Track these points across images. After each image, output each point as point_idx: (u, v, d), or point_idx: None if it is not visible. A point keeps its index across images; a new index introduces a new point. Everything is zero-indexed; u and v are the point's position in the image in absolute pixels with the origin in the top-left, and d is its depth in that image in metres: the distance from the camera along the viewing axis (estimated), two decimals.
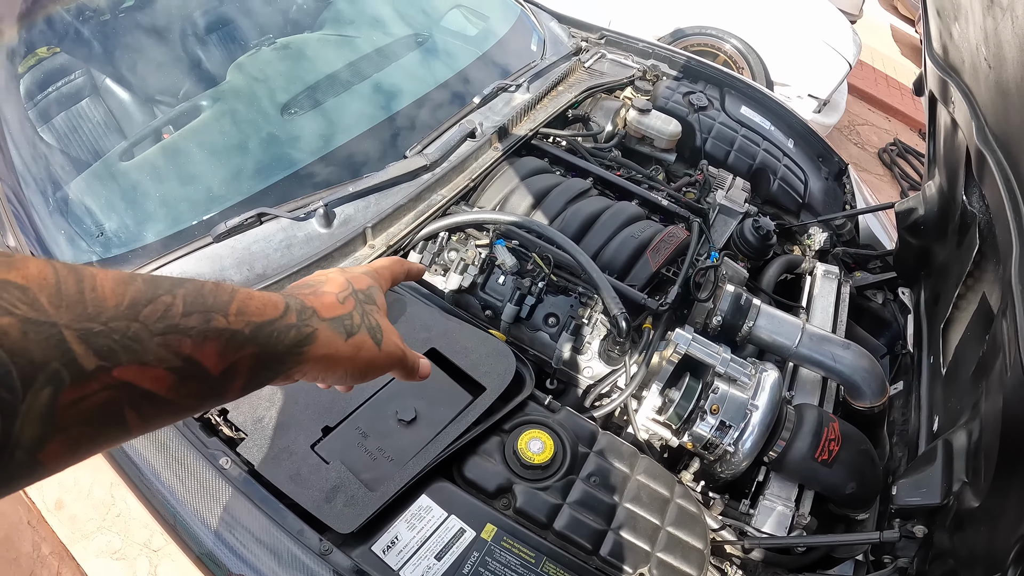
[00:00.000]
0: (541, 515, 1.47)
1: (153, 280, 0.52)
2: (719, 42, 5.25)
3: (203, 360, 0.54)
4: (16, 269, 0.43)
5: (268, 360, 0.62)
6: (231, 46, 2.61)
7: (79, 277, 0.46)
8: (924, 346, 2.10)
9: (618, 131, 2.65)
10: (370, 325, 0.75)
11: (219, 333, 0.55)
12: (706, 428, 1.69)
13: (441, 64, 2.62)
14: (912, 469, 1.61)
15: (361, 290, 0.77)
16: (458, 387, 1.63)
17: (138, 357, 0.48)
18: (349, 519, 1.39)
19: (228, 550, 1.43)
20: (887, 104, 7.23)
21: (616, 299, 1.81)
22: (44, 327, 0.43)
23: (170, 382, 0.51)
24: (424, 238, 2.01)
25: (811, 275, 2.33)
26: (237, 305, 0.58)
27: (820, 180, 2.85)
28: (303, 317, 0.65)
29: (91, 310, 0.46)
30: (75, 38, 2.29)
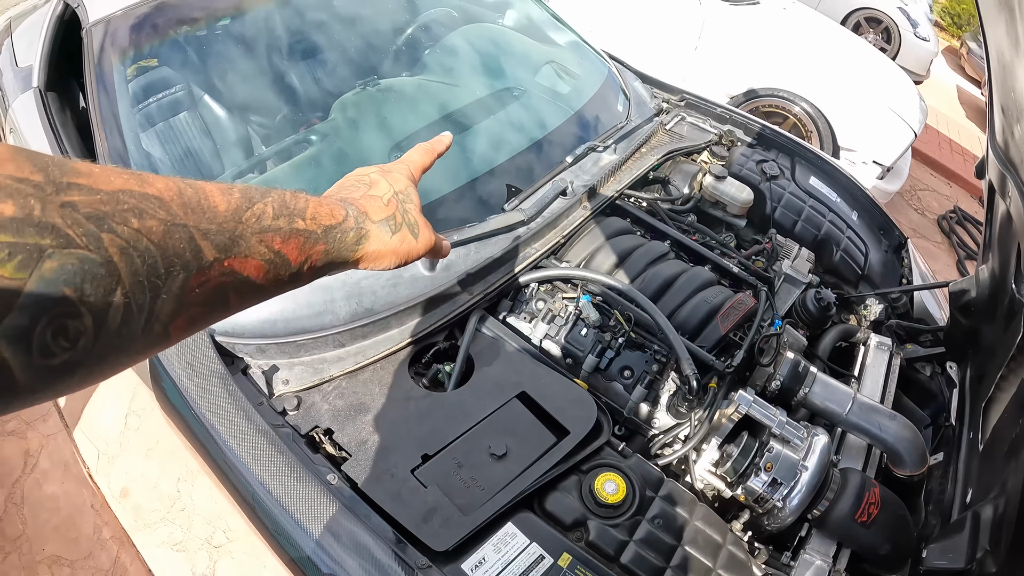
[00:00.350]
0: (610, 549, 1.62)
1: (247, 191, 0.64)
2: (789, 104, 5.35)
3: (288, 253, 0.67)
4: (149, 184, 0.53)
5: (334, 255, 0.77)
6: (328, 77, 2.75)
7: (195, 190, 0.58)
8: (966, 421, 2.17)
9: (694, 195, 2.77)
10: (410, 222, 0.89)
11: (299, 233, 0.69)
12: (759, 484, 1.81)
13: (536, 120, 2.75)
14: (943, 535, 1.72)
15: (400, 191, 0.90)
16: (544, 429, 1.78)
17: (242, 251, 0.61)
18: (444, 538, 1.53)
19: (328, 558, 1.54)
20: (949, 170, 7.23)
21: (689, 360, 1.96)
22: (178, 228, 0.54)
23: (263, 271, 0.64)
24: (517, 288, 2.17)
25: (865, 345, 2.41)
26: (311, 211, 0.72)
27: (880, 252, 2.95)
28: (359, 221, 0.80)
29: (208, 215, 0.57)
30: (178, 52, 2.47)
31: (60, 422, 3.46)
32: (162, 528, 3.08)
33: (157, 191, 0.54)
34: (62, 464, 3.29)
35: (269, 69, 2.61)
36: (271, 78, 2.60)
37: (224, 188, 0.62)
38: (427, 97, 2.81)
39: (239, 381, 1.80)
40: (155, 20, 2.49)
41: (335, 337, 1.92)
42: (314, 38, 2.81)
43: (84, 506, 3.14)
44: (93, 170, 0.49)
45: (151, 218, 0.52)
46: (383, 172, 0.93)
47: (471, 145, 2.55)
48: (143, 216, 0.51)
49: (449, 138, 1.11)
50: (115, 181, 0.50)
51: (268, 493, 1.62)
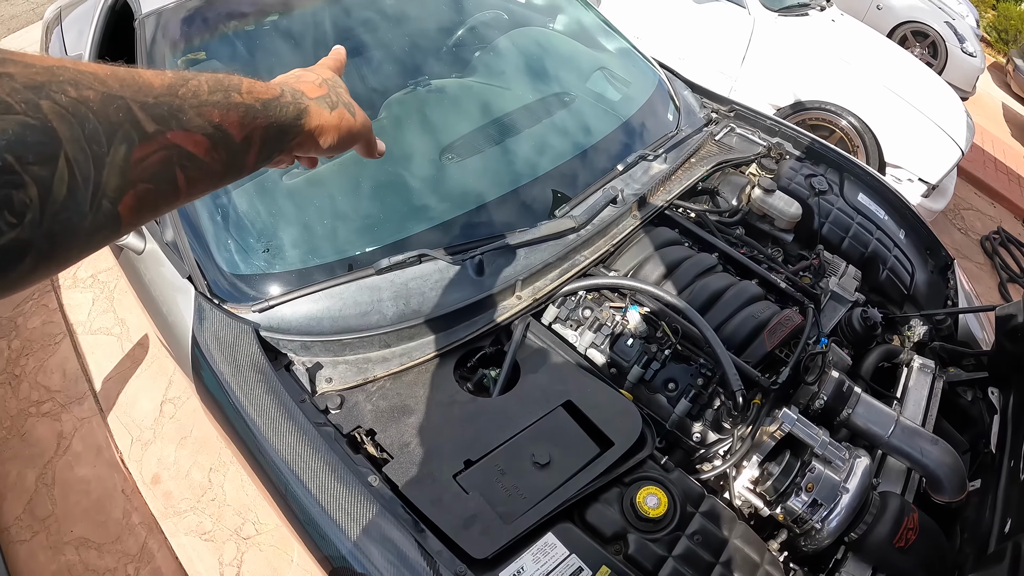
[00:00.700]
0: (648, 564, 1.61)
1: (179, 72, 0.66)
2: (836, 118, 5.31)
3: (229, 127, 0.69)
4: (84, 64, 0.55)
5: (276, 131, 0.79)
6: (375, 75, 2.75)
7: (127, 69, 0.59)
8: (1007, 449, 2.14)
9: (743, 207, 2.76)
10: (345, 101, 0.93)
11: (238, 106, 0.71)
12: (799, 504, 1.79)
13: (587, 126, 2.75)
14: (982, 565, 1.70)
15: (328, 78, 0.95)
16: (588, 439, 1.78)
17: (182, 124, 0.62)
18: (484, 546, 1.53)
19: (365, 558, 1.54)
20: (994, 189, 7.13)
21: (736, 376, 1.95)
22: (115, 99, 0.55)
23: (207, 145, 0.66)
24: (564, 294, 2.17)
25: (908, 367, 2.38)
26: (247, 86, 0.74)
27: (926, 273, 2.92)
28: (296, 97, 0.83)
29: (144, 89, 0.59)
30: (227, 45, 2.51)
31: (95, 406, 3.52)
32: (191, 516, 3.12)
33: (91, 69, 0.55)
34: (95, 448, 3.35)
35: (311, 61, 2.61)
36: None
37: (156, 71, 0.63)
38: (477, 99, 2.82)
39: (282, 377, 1.81)
40: (205, 14, 2.53)
41: (381, 337, 1.92)
42: (363, 37, 2.82)
43: (115, 490, 3.19)
44: (27, 54, 0.51)
45: (87, 88, 0.53)
46: (306, 68, 0.97)
47: (521, 150, 2.56)
48: (79, 87, 0.52)
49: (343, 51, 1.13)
50: (49, 61, 0.52)
51: (307, 491, 1.62)
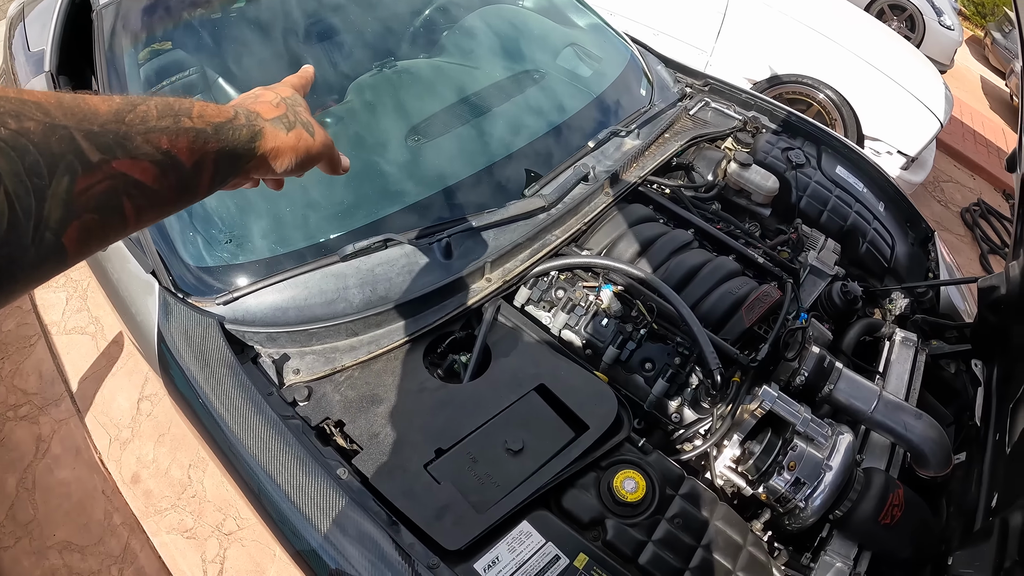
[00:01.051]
0: (627, 549, 1.57)
1: (128, 97, 0.65)
2: (813, 91, 5.27)
3: (179, 153, 0.68)
4: (27, 92, 0.55)
5: (228, 155, 0.77)
6: (344, 59, 2.71)
7: (73, 96, 0.59)
8: (991, 422, 2.12)
9: (718, 182, 2.71)
10: (303, 121, 0.91)
11: (188, 131, 0.69)
12: (782, 483, 1.77)
13: (557, 103, 2.70)
14: (969, 542, 1.67)
15: (287, 97, 0.93)
16: (563, 423, 1.73)
17: (129, 152, 0.61)
18: (457, 537, 1.49)
19: (336, 552, 1.50)
20: (973, 162, 7.14)
21: (714, 354, 1.90)
22: (58, 128, 0.54)
23: (154, 173, 0.64)
24: (535, 275, 2.12)
25: (890, 340, 2.36)
26: (198, 110, 0.72)
27: (906, 245, 2.90)
28: (250, 119, 0.81)
29: (89, 116, 0.58)
30: (191, 34, 2.44)
31: (72, 407, 3.47)
32: (172, 514, 3.08)
33: (33, 97, 0.55)
34: (74, 449, 3.29)
35: (284, 51, 2.57)
36: (286, 60, 2.56)
37: (104, 96, 0.63)
38: (445, 79, 2.77)
39: (248, 370, 1.76)
40: (168, 2, 2.47)
41: (348, 326, 1.87)
42: (330, 20, 2.77)
43: (95, 492, 3.15)
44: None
45: (29, 119, 0.52)
46: (267, 87, 0.96)
47: (490, 129, 2.51)
48: (20, 118, 0.52)
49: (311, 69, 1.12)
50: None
51: (276, 486, 1.58)
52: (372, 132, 2.44)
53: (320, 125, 0.96)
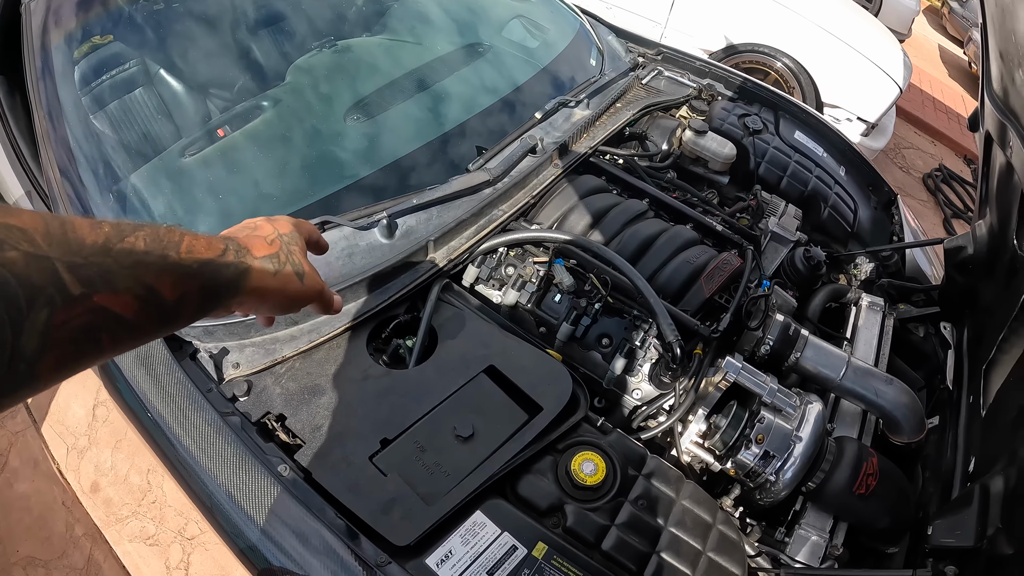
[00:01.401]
0: (590, 535, 1.50)
1: (118, 225, 0.63)
2: (771, 60, 5.23)
3: (161, 289, 0.66)
4: (15, 215, 0.53)
5: (212, 291, 0.75)
6: (287, 43, 2.62)
7: (61, 222, 0.57)
8: (964, 384, 2.09)
9: (674, 151, 2.64)
10: (294, 263, 0.88)
11: (174, 267, 0.67)
12: (750, 457, 1.71)
13: (503, 76, 2.62)
14: (949, 510, 1.61)
15: (285, 234, 0.90)
16: (515, 406, 1.65)
17: (112, 286, 0.59)
18: (406, 532, 1.41)
19: (282, 555, 1.45)
20: (933, 128, 7.16)
21: (672, 326, 1.83)
22: (42, 260, 0.53)
23: (136, 307, 0.62)
24: (483, 252, 2.03)
25: (856, 306, 2.32)
26: (186, 245, 0.70)
27: (869, 209, 2.85)
28: (239, 256, 0.79)
29: (74, 247, 0.56)
30: (130, 26, 2.32)
31: (28, 417, 3.39)
32: (134, 522, 3.02)
33: (21, 222, 0.54)
34: (31, 461, 3.22)
35: (225, 38, 2.49)
36: (228, 47, 2.48)
37: (94, 222, 0.61)
38: (387, 56, 2.69)
39: (187, 367, 1.70)
40: None
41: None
42: (273, 4, 2.68)
43: (55, 503, 3.08)
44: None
45: (12, 249, 0.51)
46: (269, 219, 0.93)
47: (432, 104, 2.43)
48: (3, 247, 0.51)
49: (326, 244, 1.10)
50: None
51: (218, 486, 1.53)
52: (310, 113, 2.35)
53: (315, 271, 0.94)
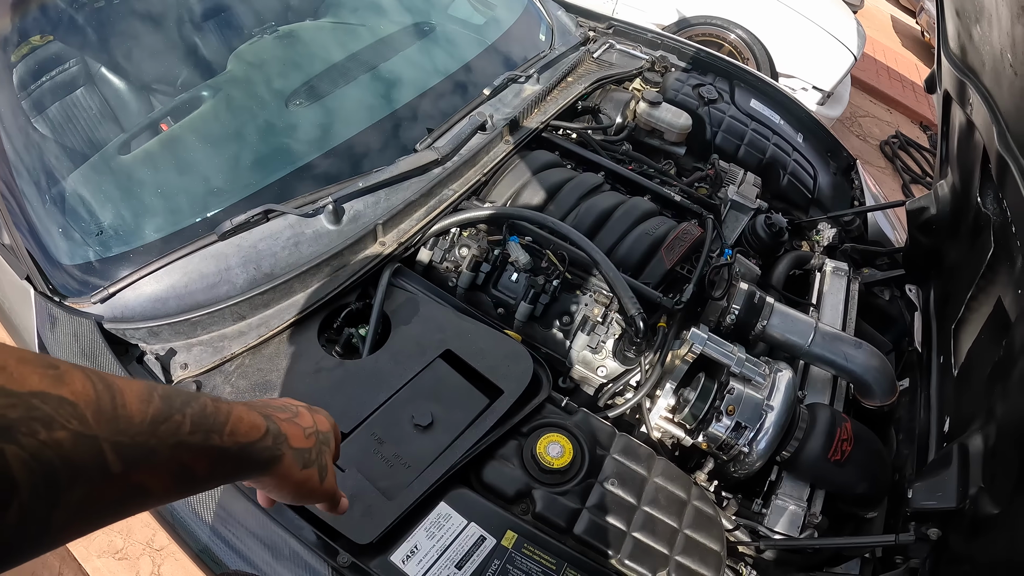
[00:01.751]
0: (561, 520, 1.45)
1: (168, 398, 0.62)
2: (724, 32, 5.20)
3: (196, 469, 0.65)
4: (66, 384, 0.52)
5: (242, 471, 0.75)
6: (230, 33, 2.54)
7: (112, 393, 0.56)
8: (933, 345, 2.08)
9: (628, 123, 2.60)
10: (321, 464, 0.87)
11: (213, 450, 0.67)
12: (721, 429, 1.67)
13: (449, 54, 2.57)
14: (928, 472, 1.58)
15: (322, 431, 0.89)
16: (475, 390, 1.60)
17: (152, 465, 0.59)
18: (367, 529, 1.36)
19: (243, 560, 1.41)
20: (889, 96, 7.19)
21: (633, 298, 1.78)
22: (88, 440, 0.52)
23: (168, 483, 0.62)
24: (435, 234, 1.97)
25: (820, 272, 2.30)
26: (231, 427, 0.69)
27: (829, 175, 2.83)
28: (276, 442, 0.78)
29: (122, 425, 0.56)
30: (69, 25, 2.22)
31: None
32: (101, 537, 2.92)
33: (72, 393, 0.52)
34: None
35: (167, 31, 2.40)
36: (169, 40, 2.39)
37: (145, 392, 0.60)
38: (330, 40, 2.61)
39: (134, 371, 1.64)
40: None
41: (233, 309, 1.71)
42: None
43: None
44: (9, 364, 0.48)
45: (61, 428, 0.50)
46: (311, 410, 0.91)
47: (376, 85, 2.36)
48: (52, 427, 0.49)
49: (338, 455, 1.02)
50: (30, 380, 0.49)
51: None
52: (252, 100, 2.27)
53: (334, 470, 0.92)
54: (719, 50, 5.02)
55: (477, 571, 1.35)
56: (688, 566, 1.47)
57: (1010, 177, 1.55)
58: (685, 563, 1.47)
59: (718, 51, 4.95)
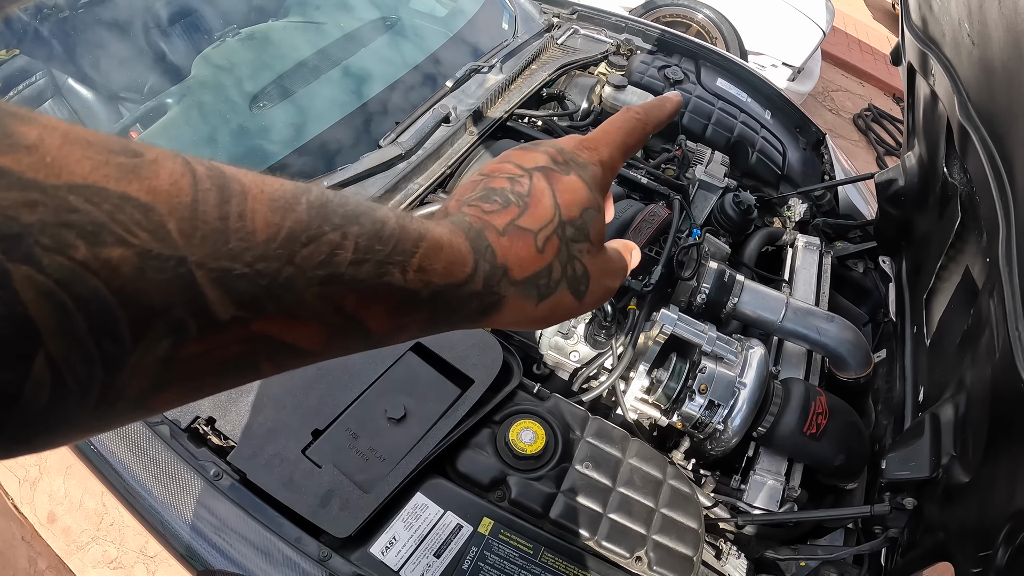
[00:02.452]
0: (536, 505, 1.46)
1: (321, 208, 0.38)
2: (691, 12, 5.19)
3: (367, 320, 0.42)
4: (141, 178, 0.30)
5: (439, 323, 0.48)
6: (196, 37, 2.53)
7: (224, 194, 0.34)
8: (907, 315, 2.10)
9: (594, 108, 2.60)
10: (574, 275, 0.55)
11: (393, 291, 0.42)
12: (695, 408, 1.68)
13: (411, 47, 2.56)
14: (901, 443, 1.60)
15: (572, 220, 0.54)
16: (446, 381, 1.61)
17: (287, 309, 0.37)
18: (346, 523, 1.37)
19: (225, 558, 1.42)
20: (860, 69, 7.20)
21: None
22: (169, 263, 0.31)
23: (322, 338, 0.40)
24: None
25: (792, 247, 2.31)
26: (420, 260, 0.43)
27: (798, 151, 2.84)
28: (491, 283, 0.49)
29: (234, 245, 0.33)
30: (34, 38, 2.20)
31: None
32: (95, 548, 2.94)
33: (149, 191, 0.30)
34: None
35: (132, 39, 2.39)
36: (134, 48, 2.38)
37: (283, 199, 0.36)
38: (292, 39, 2.60)
39: None
40: None
41: None
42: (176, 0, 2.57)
43: (15, 540, 2.99)
44: (44, 140, 0.27)
45: (119, 243, 0.29)
46: (548, 170, 0.55)
47: (339, 83, 2.36)
48: (100, 240, 0.28)
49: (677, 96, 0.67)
50: (77, 167, 0.28)
51: (155, 499, 1.49)
52: (216, 103, 2.27)
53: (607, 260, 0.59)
54: (687, 30, 5.05)
55: (455, 559, 1.36)
56: (666, 544, 1.48)
57: (971, 147, 1.57)
58: (663, 542, 1.48)
59: (686, 31, 5.01)
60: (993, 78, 1.47)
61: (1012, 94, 1.39)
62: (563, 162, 0.55)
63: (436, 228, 0.46)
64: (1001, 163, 1.45)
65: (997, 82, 1.45)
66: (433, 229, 0.45)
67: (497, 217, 0.51)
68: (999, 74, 1.43)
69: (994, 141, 1.49)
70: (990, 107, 1.52)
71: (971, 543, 1.26)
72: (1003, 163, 1.44)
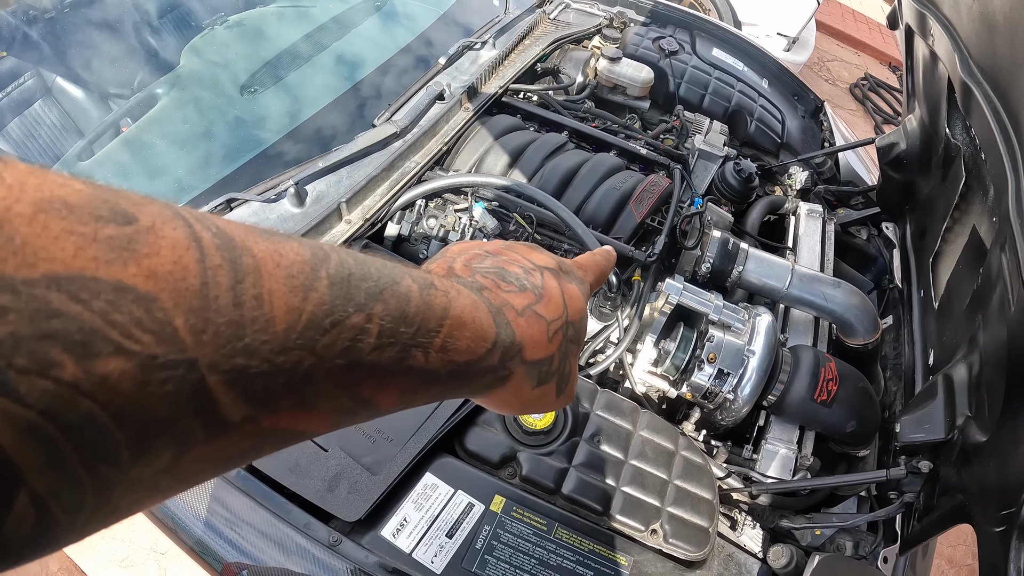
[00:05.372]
0: (548, 481, 1.44)
1: (343, 283, 0.34)
2: None
3: (380, 403, 0.39)
4: (138, 257, 0.25)
5: (446, 396, 0.48)
6: (184, 29, 2.49)
7: (237, 272, 0.29)
8: (913, 280, 2.08)
9: (589, 82, 2.57)
10: (563, 372, 0.58)
11: (412, 373, 0.40)
12: (704, 377, 1.66)
13: (402, 27, 2.53)
14: (913, 405, 1.58)
15: (573, 322, 0.57)
16: None
17: (303, 402, 0.33)
18: (355, 506, 1.35)
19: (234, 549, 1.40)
20: (856, 39, 7.18)
21: None
22: (178, 370, 0.26)
23: (332, 423, 0.37)
24: (401, 207, 1.93)
25: (795, 215, 2.28)
26: (443, 339, 0.41)
27: (797, 119, 2.80)
28: (506, 358, 0.49)
29: (251, 339, 0.29)
30: (22, 39, 2.18)
31: None
32: (105, 547, 2.91)
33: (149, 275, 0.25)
34: None
35: (120, 35, 2.35)
36: (123, 43, 2.35)
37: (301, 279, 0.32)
38: (281, 24, 2.56)
39: None
40: None
41: None
42: None
43: None
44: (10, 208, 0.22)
45: (115, 354, 0.24)
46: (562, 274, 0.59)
47: (331, 65, 2.33)
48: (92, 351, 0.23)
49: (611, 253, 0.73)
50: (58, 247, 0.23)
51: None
52: (207, 91, 2.23)
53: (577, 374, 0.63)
54: (680, 2, 5.00)
55: (468, 538, 1.34)
56: (681, 516, 1.46)
57: (975, 103, 1.54)
58: (677, 513, 1.46)
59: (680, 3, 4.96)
60: (995, 32, 1.44)
61: (1016, 46, 1.36)
62: (565, 271, 0.60)
63: (459, 301, 0.44)
64: (1007, 117, 1.42)
65: (999, 35, 1.42)
66: (455, 302, 0.43)
67: (515, 298, 0.52)
68: (1001, 27, 1.40)
69: (998, 96, 1.47)
70: (993, 62, 1.49)
71: (992, 502, 1.23)
72: (1008, 117, 1.42)
